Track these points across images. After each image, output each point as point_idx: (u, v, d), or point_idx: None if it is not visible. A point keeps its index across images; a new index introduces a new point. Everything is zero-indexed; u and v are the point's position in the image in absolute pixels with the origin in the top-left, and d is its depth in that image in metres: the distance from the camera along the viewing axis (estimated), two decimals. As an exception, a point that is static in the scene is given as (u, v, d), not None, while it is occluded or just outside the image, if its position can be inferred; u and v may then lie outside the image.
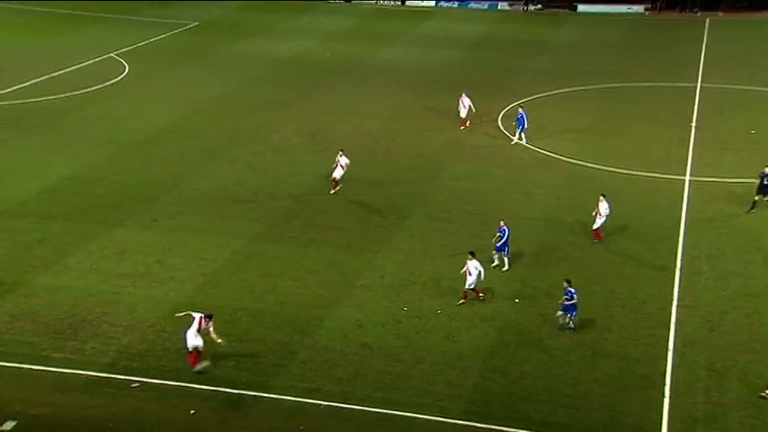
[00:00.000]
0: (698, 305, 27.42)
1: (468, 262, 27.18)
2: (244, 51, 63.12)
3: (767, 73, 55.15)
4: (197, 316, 23.95)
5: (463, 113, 44.13)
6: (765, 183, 33.60)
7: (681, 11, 78.07)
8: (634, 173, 38.56)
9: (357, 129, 45.07)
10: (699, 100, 49.58)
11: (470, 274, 27.10)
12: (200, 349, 23.85)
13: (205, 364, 23.98)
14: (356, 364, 24.34)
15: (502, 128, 43.51)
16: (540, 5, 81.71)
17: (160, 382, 23.41)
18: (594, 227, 31.67)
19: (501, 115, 44.76)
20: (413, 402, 22.69)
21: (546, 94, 51.23)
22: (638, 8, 79.37)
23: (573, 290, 25.46)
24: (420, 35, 70.04)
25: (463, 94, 44.52)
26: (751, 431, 21.61)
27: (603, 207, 31.45)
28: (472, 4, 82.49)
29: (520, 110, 42.90)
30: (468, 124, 44.23)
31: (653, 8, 79.09)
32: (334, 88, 52.99)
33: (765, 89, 51.47)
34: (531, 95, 50.34)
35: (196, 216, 34.14)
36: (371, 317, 26.84)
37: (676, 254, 30.80)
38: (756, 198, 33.68)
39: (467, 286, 27.29)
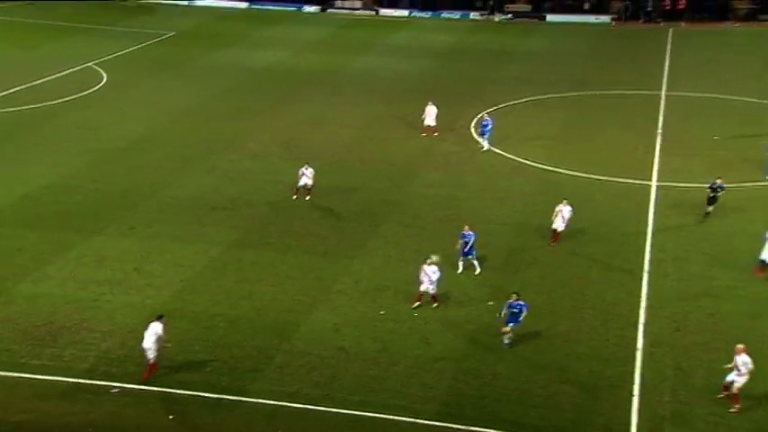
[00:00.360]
0: (664, 306, 28.22)
1: (426, 267, 27.72)
2: (220, 61, 63.45)
3: (728, 81, 56.33)
4: (158, 325, 24.24)
5: (429, 121, 44.81)
6: (720, 194, 34.17)
7: (645, 21, 79.45)
8: (602, 178, 39.40)
9: (331, 137, 45.60)
10: (664, 107, 50.62)
11: (431, 280, 27.61)
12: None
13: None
14: (333, 368, 24.80)
15: (475, 135, 44.22)
16: (510, 15, 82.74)
17: (139, 388, 23.70)
18: (558, 230, 32.35)
19: (472, 123, 45.49)
20: (388, 404, 23.18)
21: (516, 102, 52.07)
22: (605, 18, 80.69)
23: (522, 303, 25.74)
24: (393, 45, 70.73)
25: (430, 103, 45.25)
26: (715, 428, 22.33)
27: (566, 211, 32.21)
28: (444, 14, 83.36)
29: (486, 116, 43.76)
30: (425, 134, 44.82)
31: (619, 19, 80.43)
32: (309, 97, 53.45)
33: (727, 97, 52.66)
34: (502, 103, 51.15)
35: (174, 223, 34.47)
36: (348, 321, 27.35)
37: (643, 257, 31.62)
38: (709, 209, 34.34)
39: (431, 291, 27.83)
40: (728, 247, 31.87)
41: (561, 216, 32.24)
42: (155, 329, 24.03)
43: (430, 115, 44.88)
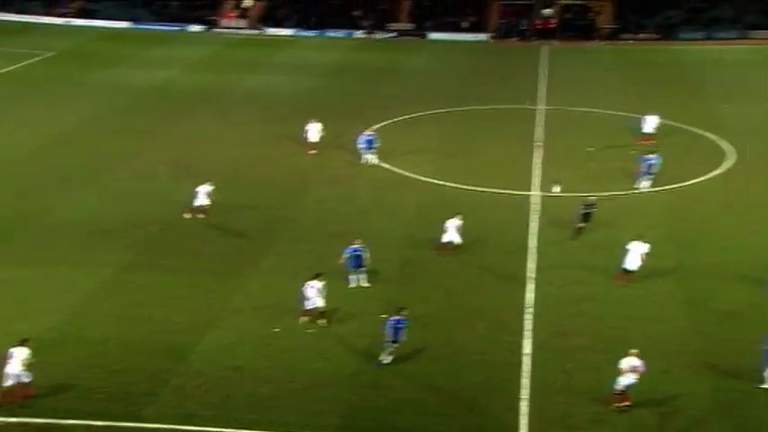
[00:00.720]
0: (549, 312, 29.33)
1: (314, 282, 27.98)
2: (104, 81, 62.03)
3: (598, 95, 58.87)
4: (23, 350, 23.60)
5: (312, 138, 45.28)
6: (592, 211, 35.24)
7: (519, 39, 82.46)
8: (486, 190, 40.58)
9: (221, 155, 45.35)
10: (541, 121, 52.51)
11: (321, 295, 27.89)
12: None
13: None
14: (228, 388, 24.72)
15: (361, 151, 44.89)
16: (394, 33, 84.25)
17: (26, 420, 22.93)
18: (454, 242, 33.23)
19: (359, 139, 46.10)
20: (285, 421, 23.29)
21: (401, 117, 53.06)
22: (483, 36, 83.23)
23: (397, 318, 25.89)
24: (280, 63, 70.88)
25: (312, 120, 45.69)
26: (599, 426, 23.40)
27: (454, 224, 33.14)
28: (329, 33, 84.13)
29: (370, 132, 44.83)
30: (316, 150, 45.22)
31: (497, 36, 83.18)
32: (197, 116, 53.01)
33: (597, 110, 55.07)
34: (388, 119, 52.05)
35: (61, 247, 33.60)
36: (243, 339, 27.33)
37: (528, 265, 32.76)
38: (581, 225, 35.22)
39: (320, 306, 28.01)
40: (604, 253, 33.07)
41: (453, 228, 33.14)
42: (20, 354, 23.44)
43: (312, 132, 45.36)
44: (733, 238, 35.40)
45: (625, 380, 23.79)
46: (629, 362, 23.83)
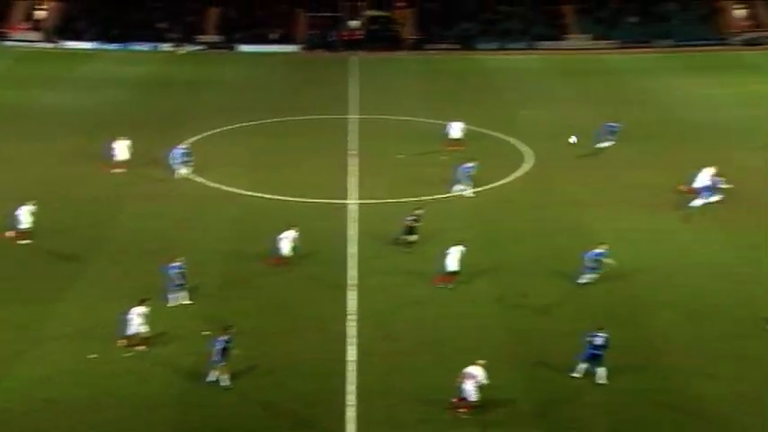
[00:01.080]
0: (372, 318, 29.82)
1: (139, 308, 27.14)
2: None
3: (408, 103, 60.60)
4: None
5: (120, 155, 43.79)
6: (419, 224, 35.71)
7: (328, 50, 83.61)
8: (304, 200, 40.76)
9: (22, 176, 42.91)
10: (354, 130, 53.35)
11: (136, 321, 27.04)
12: None
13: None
14: (42, 423, 23.46)
15: (174, 166, 43.84)
16: (203, 45, 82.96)
17: None
18: (284, 254, 33.19)
19: (171, 154, 45.03)
20: (109, 450, 22.38)
21: (214, 130, 52.34)
22: (293, 48, 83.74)
23: (225, 338, 25.57)
24: (81, 77, 68.02)
25: (119, 138, 44.20)
26: (422, 423, 24.11)
27: (290, 236, 33.17)
28: (134, 46, 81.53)
29: (183, 146, 44.19)
30: (124, 168, 43.76)
31: (306, 47, 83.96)
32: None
33: (408, 118, 56.65)
34: (200, 132, 51.18)
35: None
36: (57, 369, 25.93)
37: (350, 272, 33.12)
38: (406, 238, 35.57)
39: (142, 331, 27.14)
40: (423, 257, 34.01)
41: (287, 241, 33.06)
42: None
43: (119, 149, 43.83)
44: (539, 236, 37.47)
45: (465, 387, 24.50)
46: (470, 370, 24.58)
